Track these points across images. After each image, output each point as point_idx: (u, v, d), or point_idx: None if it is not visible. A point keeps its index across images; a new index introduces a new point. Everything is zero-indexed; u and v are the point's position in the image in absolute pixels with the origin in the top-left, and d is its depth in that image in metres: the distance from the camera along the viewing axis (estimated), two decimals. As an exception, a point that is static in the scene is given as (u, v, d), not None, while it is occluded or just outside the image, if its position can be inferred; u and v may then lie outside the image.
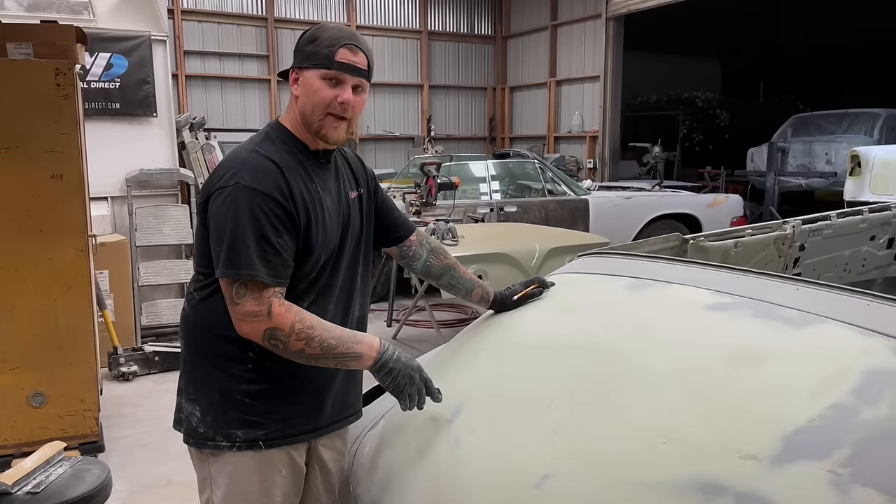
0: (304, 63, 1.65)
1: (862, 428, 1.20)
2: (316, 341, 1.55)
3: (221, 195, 1.56)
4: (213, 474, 1.69)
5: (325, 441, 1.81)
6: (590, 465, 1.38)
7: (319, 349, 1.56)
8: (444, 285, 2.02)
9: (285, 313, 1.54)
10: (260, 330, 1.53)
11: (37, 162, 3.30)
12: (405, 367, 1.60)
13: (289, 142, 1.68)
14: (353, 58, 1.64)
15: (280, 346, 1.55)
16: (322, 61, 1.62)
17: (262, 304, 1.53)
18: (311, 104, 1.64)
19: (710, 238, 2.93)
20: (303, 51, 1.66)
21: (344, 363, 1.60)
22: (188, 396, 1.71)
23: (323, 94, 1.63)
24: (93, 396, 3.54)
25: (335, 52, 1.62)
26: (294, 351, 1.55)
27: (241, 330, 1.56)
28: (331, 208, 1.69)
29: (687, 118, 15.12)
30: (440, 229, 5.01)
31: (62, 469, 2.08)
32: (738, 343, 1.50)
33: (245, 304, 1.53)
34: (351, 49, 1.63)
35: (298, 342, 1.54)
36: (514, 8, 14.35)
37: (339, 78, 1.63)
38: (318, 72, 1.63)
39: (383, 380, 1.61)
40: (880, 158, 7.00)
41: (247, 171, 1.56)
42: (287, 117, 1.72)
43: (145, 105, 5.54)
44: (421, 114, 13.87)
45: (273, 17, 12.30)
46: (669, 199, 8.19)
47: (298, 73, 1.66)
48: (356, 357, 1.59)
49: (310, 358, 1.57)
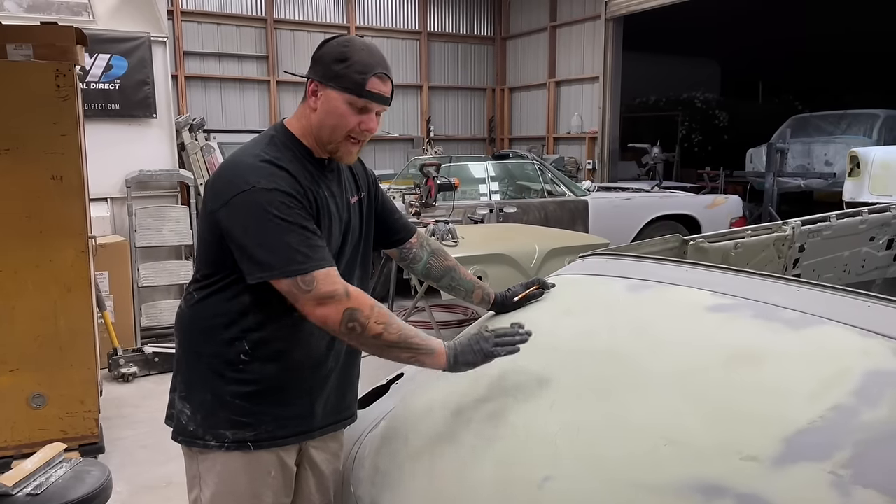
0: (329, 81, 1.59)
1: (863, 429, 1.21)
2: (394, 327, 1.53)
3: (242, 200, 1.53)
4: (202, 473, 1.70)
5: (317, 443, 1.81)
6: (591, 466, 1.38)
7: (398, 336, 1.53)
8: (444, 287, 2.02)
9: (363, 294, 1.53)
10: (340, 311, 1.49)
11: (37, 163, 3.29)
12: (470, 346, 1.56)
13: (294, 147, 1.65)
14: (382, 87, 1.61)
15: (358, 329, 1.50)
16: (352, 87, 1.58)
17: (336, 283, 1.51)
18: (331, 125, 1.62)
19: (710, 239, 2.93)
20: (330, 68, 1.59)
21: (418, 356, 1.56)
22: (180, 394, 1.72)
23: (348, 119, 1.61)
24: (93, 398, 3.53)
25: (367, 81, 1.58)
26: (372, 335, 1.51)
27: (317, 316, 1.51)
28: (334, 214, 1.69)
29: (686, 119, 15.13)
30: (440, 230, 5.01)
31: (62, 470, 2.07)
32: (738, 344, 1.51)
33: (319, 288, 1.49)
34: (381, 78, 1.61)
35: (378, 325, 1.51)
36: (514, 9, 14.36)
37: (367, 107, 1.61)
38: (345, 96, 1.59)
39: (469, 364, 1.56)
40: (879, 159, 7.01)
41: (261, 176, 1.54)
42: (296, 123, 1.68)
43: (145, 106, 5.53)
44: (420, 114, 13.88)
45: (272, 18, 12.30)
46: (668, 199, 8.19)
47: (321, 88, 1.61)
48: (430, 352, 1.55)
49: (384, 345, 1.53)
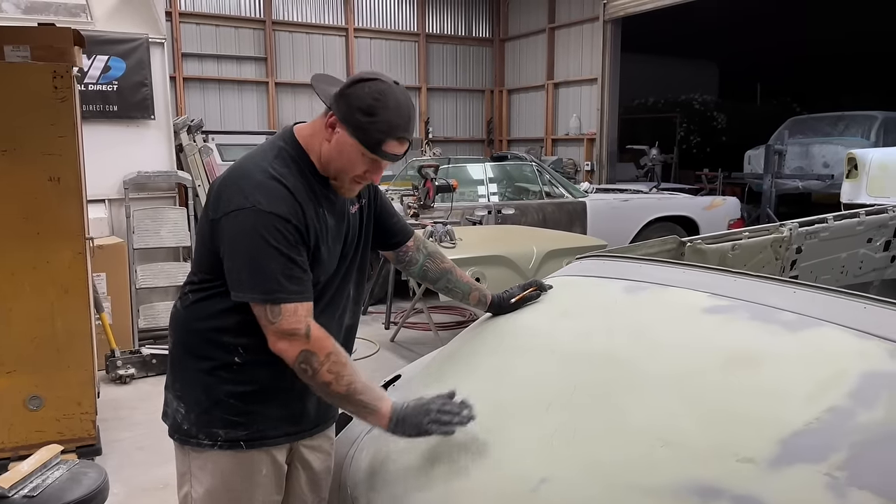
0: (348, 126, 1.59)
1: (859, 431, 1.21)
2: (345, 381, 1.55)
3: (237, 217, 1.55)
4: (193, 470, 1.71)
5: (309, 442, 1.82)
6: (588, 468, 1.38)
7: (346, 390, 1.55)
8: (441, 289, 2.03)
9: (325, 339, 1.55)
10: (296, 350, 1.53)
11: (34, 165, 3.29)
12: (412, 417, 1.57)
13: (300, 161, 1.66)
14: (398, 149, 1.62)
15: (308, 372, 1.54)
16: (370, 144, 1.58)
17: (299, 322, 1.53)
18: (339, 164, 1.63)
19: (708, 241, 2.93)
20: (354, 115, 1.58)
21: (361, 414, 1.60)
22: (175, 393, 1.74)
23: (357, 167, 1.62)
24: (90, 399, 3.53)
25: (385, 142, 1.59)
26: (320, 382, 1.55)
27: (276, 348, 1.56)
28: (333, 230, 1.70)
29: (684, 120, 15.14)
30: (438, 232, 5.00)
31: (59, 472, 2.07)
32: (735, 346, 1.51)
33: (282, 323, 1.53)
34: (401, 141, 1.61)
35: (329, 374, 1.54)
36: (512, 10, 14.38)
37: (378, 161, 1.63)
38: (361, 147, 1.59)
39: (406, 433, 1.57)
40: (877, 161, 7.02)
41: (262, 195, 1.55)
42: (308, 137, 1.68)
43: (143, 107, 5.52)
44: (419, 116, 13.89)
45: (271, 20, 12.32)
46: (667, 201, 8.19)
47: (339, 126, 1.60)
48: (373, 413, 1.58)
49: (331, 395, 1.57)
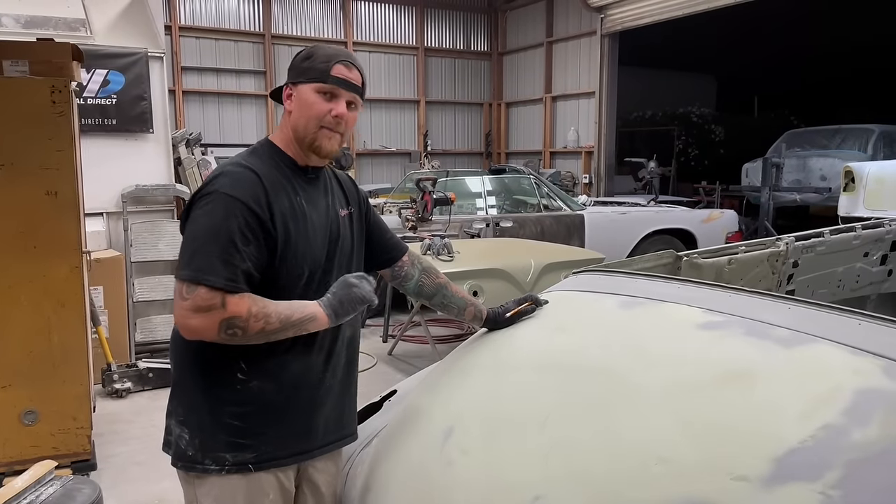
0: (298, 78, 1.68)
1: (853, 449, 1.20)
2: (273, 316, 1.55)
3: (201, 203, 1.58)
4: (199, 497, 1.67)
5: (317, 464, 1.78)
6: (582, 485, 1.37)
7: (279, 322, 1.55)
8: (436, 304, 2.02)
9: (240, 301, 1.52)
10: (215, 322, 1.49)
11: (31, 179, 3.29)
12: (344, 296, 1.62)
13: (276, 157, 1.70)
14: (348, 73, 1.67)
15: (239, 333, 1.52)
16: (317, 75, 1.65)
17: (214, 297, 1.49)
18: (305, 118, 1.67)
19: (704, 255, 2.94)
20: (298, 67, 1.69)
21: (304, 327, 1.59)
22: (177, 419, 1.69)
23: (318, 107, 1.66)
24: (85, 414, 3.51)
25: (331, 67, 1.65)
26: (254, 332, 1.53)
27: (189, 326, 1.51)
28: (316, 223, 1.70)
29: (682, 133, 15.21)
30: (436, 245, 5.00)
31: (53, 489, 2.07)
32: (729, 362, 1.50)
33: (195, 298, 1.49)
34: (346, 65, 1.67)
35: (257, 323, 1.52)
36: (510, 24, 14.46)
37: (334, 92, 1.66)
38: (313, 86, 1.66)
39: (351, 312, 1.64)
40: (874, 174, 7.04)
41: (227, 179, 1.59)
42: (278, 135, 1.75)
43: (142, 121, 5.54)
44: (417, 129, 13.94)
45: (270, 34, 12.38)
46: (665, 214, 8.21)
47: (293, 88, 1.69)
48: (311, 318, 1.59)
49: (270, 334, 1.56)
